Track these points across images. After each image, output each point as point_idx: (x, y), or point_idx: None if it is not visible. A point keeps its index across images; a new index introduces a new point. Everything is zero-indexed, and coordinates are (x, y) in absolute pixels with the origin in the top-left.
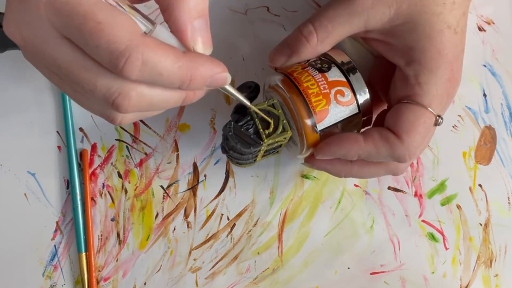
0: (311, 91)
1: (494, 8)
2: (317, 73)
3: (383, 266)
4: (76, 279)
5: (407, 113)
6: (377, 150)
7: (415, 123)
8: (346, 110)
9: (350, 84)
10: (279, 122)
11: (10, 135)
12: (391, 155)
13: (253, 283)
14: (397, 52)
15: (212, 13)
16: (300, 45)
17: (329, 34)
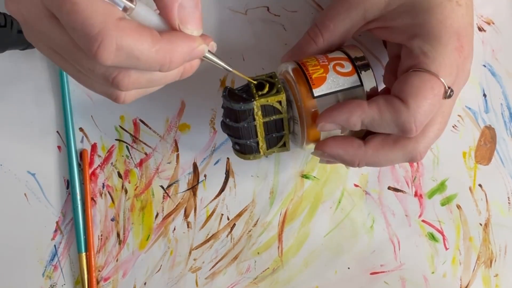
0: (309, 63)
1: (494, 8)
2: (320, 54)
3: (383, 266)
4: (76, 279)
5: (414, 79)
6: (380, 115)
7: (422, 88)
8: (346, 80)
9: (350, 58)
10: (273, 86)
11: (10, 135)
12: (395, 121)
13: (253, 283)
14: (398, 32)
15: (212, 13)
16: (308, 46)
17: (332, 32)
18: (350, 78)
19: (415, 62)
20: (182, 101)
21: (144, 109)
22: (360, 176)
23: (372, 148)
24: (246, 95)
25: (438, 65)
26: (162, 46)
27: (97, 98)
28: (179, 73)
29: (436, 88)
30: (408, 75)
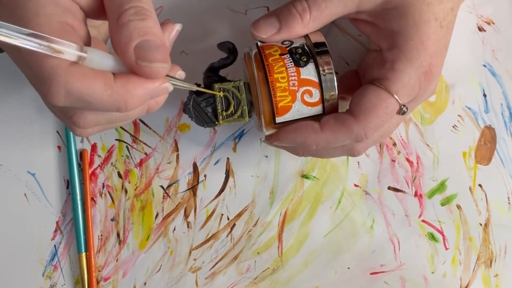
0: (279, 85)
1: (494, 8)
2: (292, 66)
3: (383, 266)
4: (76, 279)
5: (371, 95)
6: (334, 136)
7: (377, 106)
8: (310, 110)
9: (321, 86)
10: (239, 107)
11: (10, 135)
12: (348, 136)
13: (253, 283)
14: (382, 35)
15: (212, 13)
16: (293, 20)
17: (322, 12)
18: (315, 108)
19: (381, 76)
20: (182, 101)
21: None
22: (360, 176)
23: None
24: (212, 113)
25: (400, 86)
26: (115, 91)
27: None
28: (144, 110)
29: (391, 107)
30: (367, 89)
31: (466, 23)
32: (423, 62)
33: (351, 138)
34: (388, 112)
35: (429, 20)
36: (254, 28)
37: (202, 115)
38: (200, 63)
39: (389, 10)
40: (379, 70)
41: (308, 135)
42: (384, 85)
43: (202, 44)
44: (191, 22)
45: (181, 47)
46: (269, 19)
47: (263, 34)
